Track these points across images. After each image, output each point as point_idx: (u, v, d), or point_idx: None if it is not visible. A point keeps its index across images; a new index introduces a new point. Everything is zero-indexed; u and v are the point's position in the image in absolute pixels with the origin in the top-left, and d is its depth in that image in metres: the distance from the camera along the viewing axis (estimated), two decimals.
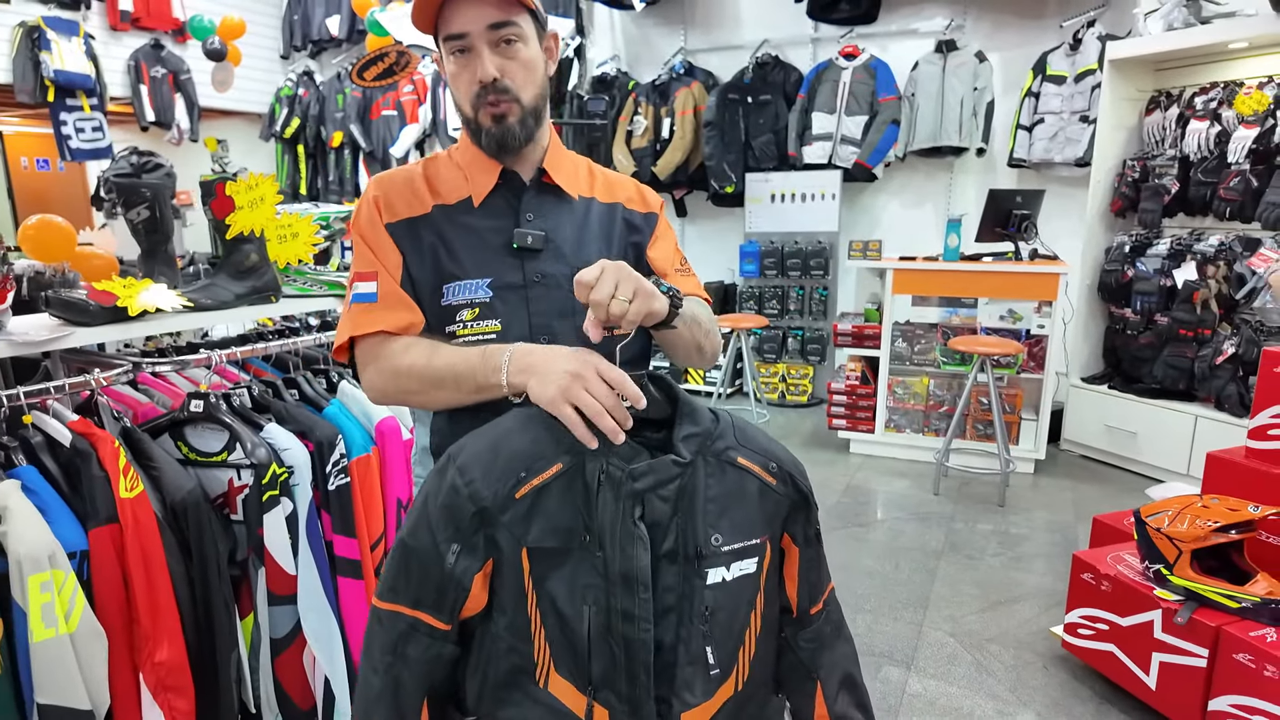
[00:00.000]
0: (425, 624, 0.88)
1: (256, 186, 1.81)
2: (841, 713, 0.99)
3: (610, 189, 1.17)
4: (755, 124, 4.94)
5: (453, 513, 0.86)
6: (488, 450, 0.88)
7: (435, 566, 0.87)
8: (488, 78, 0.98)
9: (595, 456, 0.86)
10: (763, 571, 0.92)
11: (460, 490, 0.86)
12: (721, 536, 0.88)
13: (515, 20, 0.99)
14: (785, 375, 5.14)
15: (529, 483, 0.86)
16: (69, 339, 1.49)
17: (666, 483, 0.86)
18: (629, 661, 0.86)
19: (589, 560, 0.86)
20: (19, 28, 5.01)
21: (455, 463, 0.88)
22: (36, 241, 2.68)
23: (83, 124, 5.46)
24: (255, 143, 6.80)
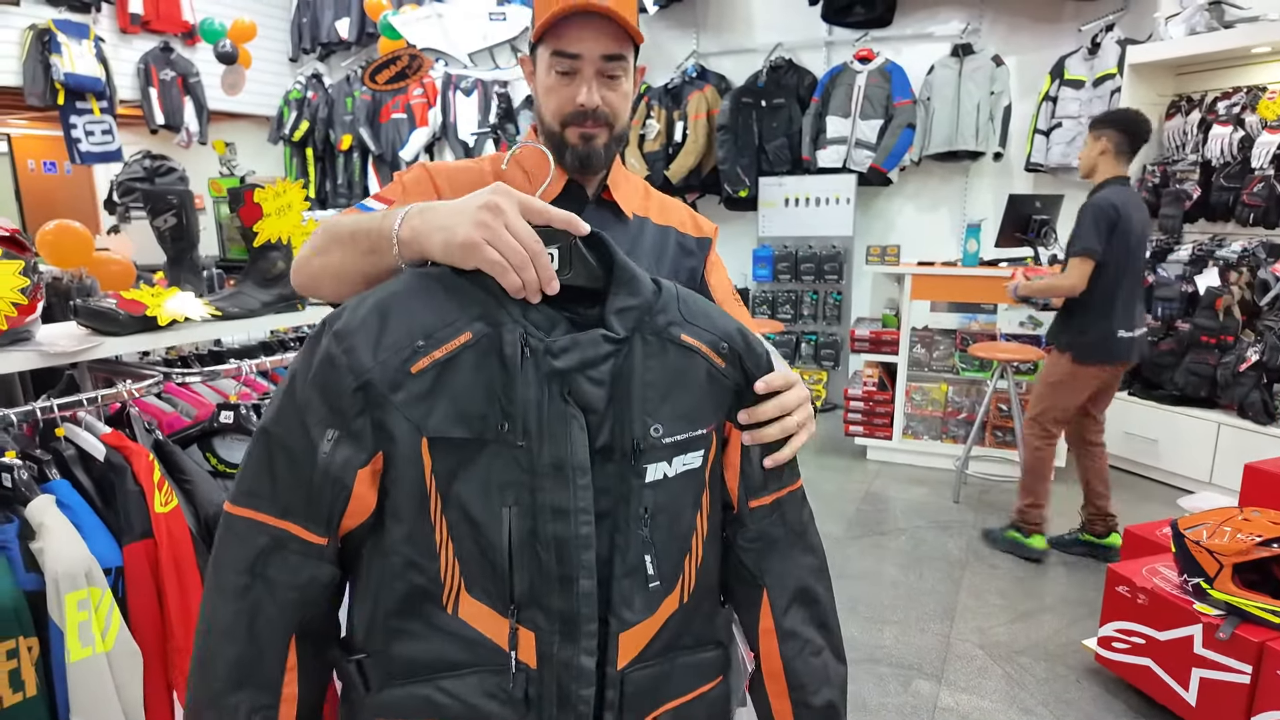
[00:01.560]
0: (295, 537, 0.72)
1: (284, 193, 1.78)
2: (791, 628, 0.85)
3: (664, 212, 1.16)
4: (769, 128, 4.92)
5: (327, 390, 0.70)
6: (373, 313, 0.72)
7: (306, 460, 0.71)
8: (592, 105, 0.97)
9: (513, 325, 0.72)
10: (708, 465, 0.81)
11: (337, 360, 0.70)
12: (662, 427, 0.76)
13: (625, 55, 0.98)
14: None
15: (429, 354, 0.71)
16: (99, 349, 1.47)
17: (597, 362, 0.73)
18: (562, 568, 0.73)
19: (507, 453, 0.72)
20: (29, 31, 4.99)
21: (331, 329, 0.71)
22: (55, 247, 2.65)
23: (92, 127, 5.44)
24: (264, 145, 6.79)
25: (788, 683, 0.86)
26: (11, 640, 1.09)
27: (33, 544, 1.16)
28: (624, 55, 0.97)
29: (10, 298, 1.33)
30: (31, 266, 1.39)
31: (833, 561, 0.92)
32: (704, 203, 5.46)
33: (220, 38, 5.64)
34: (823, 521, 3.38)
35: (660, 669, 0.81)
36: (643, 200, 1.15)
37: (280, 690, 0.75)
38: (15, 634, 1.09)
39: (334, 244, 0.86)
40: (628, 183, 1.14)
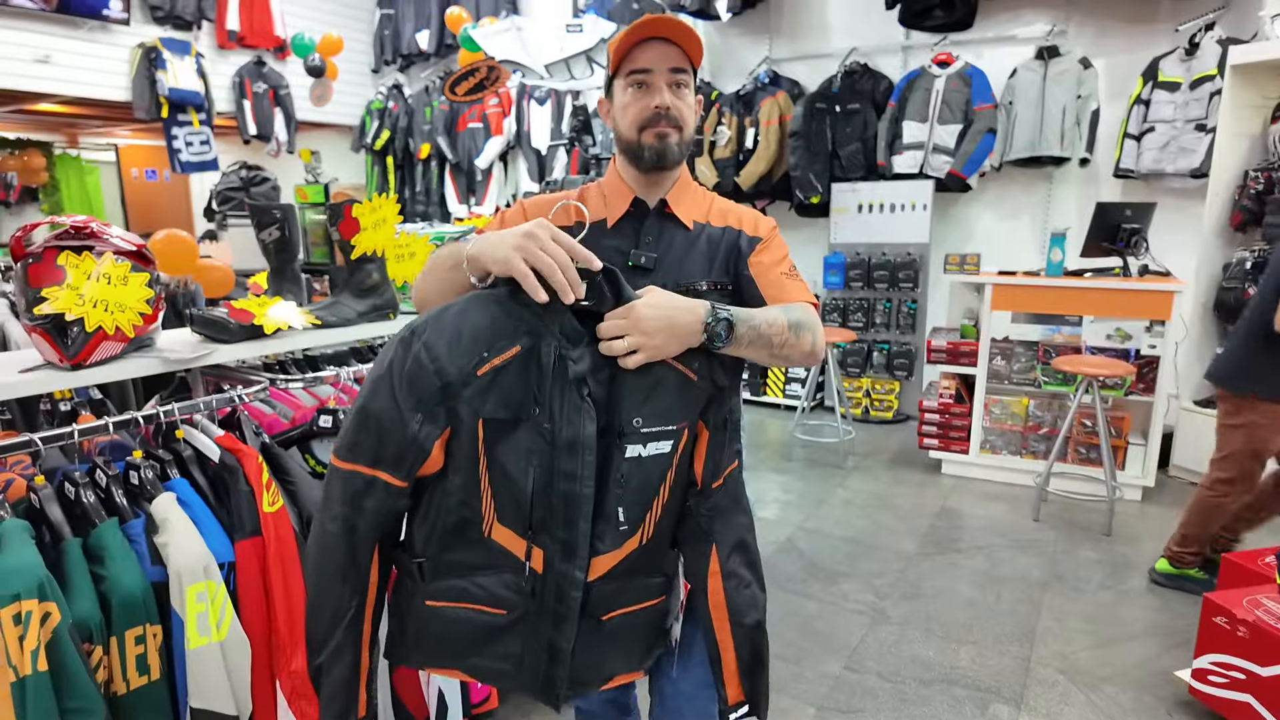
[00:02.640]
0: (383, 481, 0.99)
1: (379, 208, 1.86)
2: (732, 569, 1.15)
3: (724, 216, 1.26)
4: (843, 133, 4.86)
5: (417, 385, 0.96)
6: (452, 329, 0.97)
7: (397, 430, 0.97)
8: (664, 105, 1.13)
9: (549, 340, 0.98)
10: (677, 452, 1.07)
11: (426, 366, 0.96)
12: (642, 420, 1.02)
13: (688, 70, 1.16)
14: (870, 390, 5.03)
15: (490, 362, 0.97)
16: (213, 356, 1.57)
17: (601, 368, 1.01)
18: (568, 511, 1.01)
19: (536, 429, 0.99)
20: (138, 49, 5.34)
21: (421, 339, 0.97)
22: (163, 255, 2.83)
23: (192, 138, 5.78)
24: (347, 154, 7.06)
25: (728, 609, 1.15)
26: (140, 627, 1.18)
27: (157, 538, 1.26)
28: (686, 69, 1.15)
29: (138, 308, 1.44)
30: (155, 278, 1.50)
31: (906, 579, 0.96)
32: (774, 209, 5.43)
33: (310, 51, 5.90)
34: (896, 537, 3.34)
35: (619, 585, 1.10)
36: (704, 210, 1.25)
37: (369, 580, 1.06)
38: (143, 621, 1.18)
39: (434, 267, 1.13)
40: (689, 197, 1.25)
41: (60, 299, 1.35)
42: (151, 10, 5.40)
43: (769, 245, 1.24)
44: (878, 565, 3.07)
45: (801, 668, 2.39)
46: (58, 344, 1.35)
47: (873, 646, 2.51)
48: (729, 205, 1.29)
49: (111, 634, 1.16)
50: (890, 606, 2.75)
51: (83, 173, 8.05)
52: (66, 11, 4.83)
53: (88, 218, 1.44)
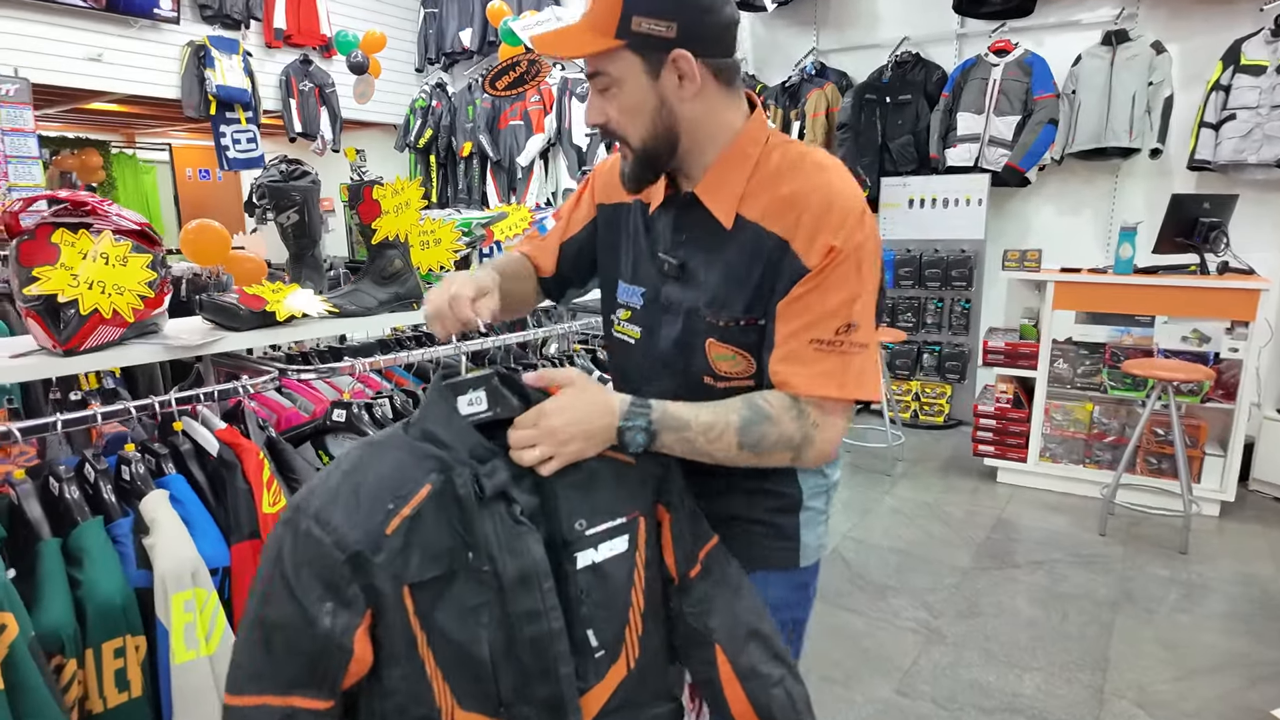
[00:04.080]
0: (303, 709, 0.78)
1: (402, 191, 1.76)
2: (750, 667, 0.95)
3: (789, 207, 0.93)
4: (893, 125, 4.65)
5: (318, 568, 0.77)
6: (345, 490, 0.80)
7: (305, 636, 0.77)
8: (590, 123, 0.99)
9: (459, 468, 0.83)
10: (639, 548, 0.91)
11: (323, 541, 0.77)
12: (585, 520, 0.87)
13: (601, 70, 0.94)
14: (919, 393, 4.79)
15: (399, 513, 0.79)
16: (220, 343, 1.48)
17: (521, 477, 0.85)
18: (540, 662, 0.82)
19: (475, 578, 0.81)
20: (188, 47, 5.40)
21: (307, 512, 0.79)
22: (195, 245, 2.79)
23: (239, 135, 5.83)
24: (390, 152, 7.07)
25: (759, 718, 0.95)
26: (119, 639, 1.08)
27: (145, 540, 1.16)
28: (600, 71, 0.94)
29: (139, 290, 1.35)
30: (159, 260, 1.41)
31: (961, 594, 0.80)
32: None
33: (353, 48, 5.91)
34: (948, 549, 3.13)
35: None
36: (765, 195, 0.96)
37: None
38: (123, 632, 1.09)
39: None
40: (736, 176, 0.97)
41: (53, 279, 1.26)
42: (201, 9, 5.46)
43: (820, 283, 0.90)
44: (930, 579, 2.88)
45: (849, 690, 2.22)
46: (49, 327, 1.27)
47: (926, 669, 2.32)
48: (805, 186, 0.93)
49: (87, 645, 1.06)
50: (945, 625, 2.56)
51: (139, 171, 8.25)
52: (117, 10, 4.90)
53: (88, 194, 1.37)
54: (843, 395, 0.91)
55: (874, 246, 0.93)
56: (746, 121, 0.99)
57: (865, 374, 0.92)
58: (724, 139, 0.97)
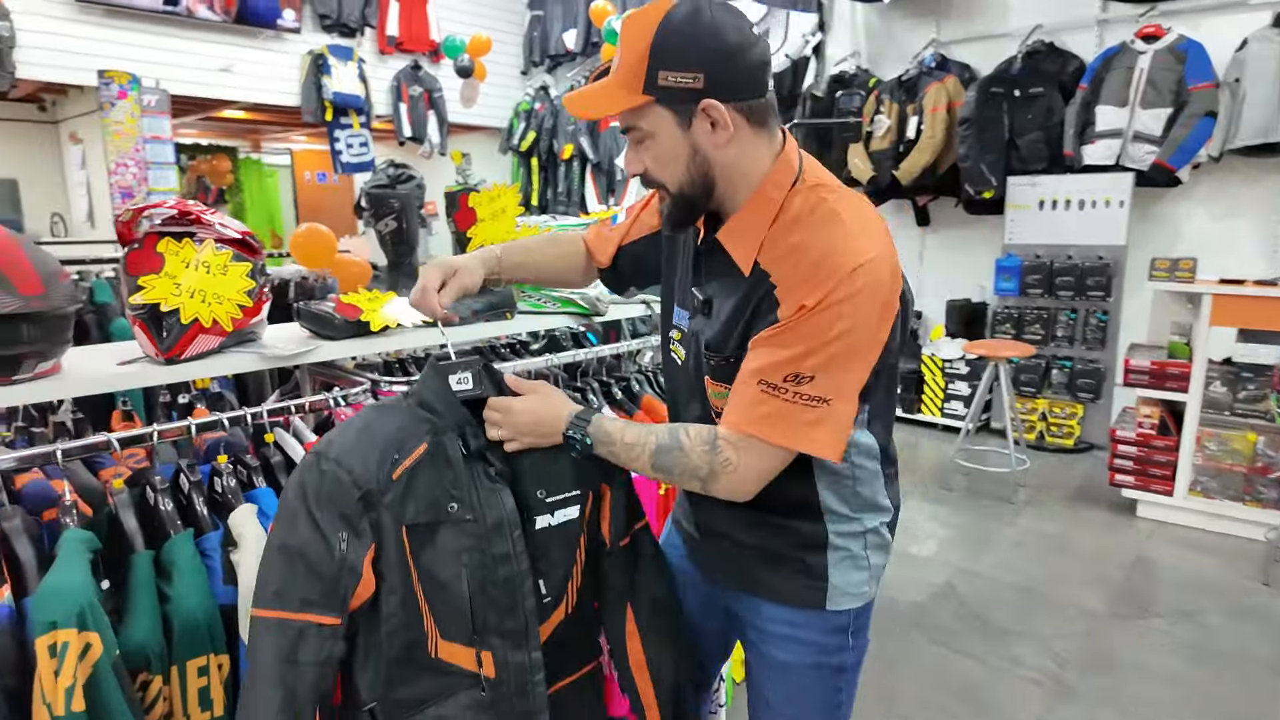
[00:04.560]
0: (315, 624, 0.93)
1: (499, 197, 1.70)
2: (648, 626, 1.17)
3: (790, 254, 0.93)
4: (1022, 120, 4.29)
5: (338, 500, 0.94)
6: (361, 440, 0.98)
7: (324, 559, 0.93)
8: (630, 173, 1.01)
9: (450, 433, 1.02)
10: (585, 515, 1.12)
11: (343, 479, 0.95)
12: (545, 490, 1.07)
13: (635, 125, 0.96)
14: (1046, 413, 4.41)
15: (402, 464, 0.98)
16: (315, 353, 1.45)
17: (497, 446, 1.05)
18: (510, 597, 1.02)
19: (459, 526, 1.00)
20: (308, 56, 5.64)
21: (329, 456, 0.96)
22: (303, 249, 2.85)
23: (352, 140, 6.05)
24: (495, 156, 7.19)
25: (649, 669, 1.18)
26: (203, 657, 1.05)
27: (233, 554, 1.13)
28: (634, 126, 0.96)
29: (238, 299, 1.33)
30: (259, 268, 1.40)
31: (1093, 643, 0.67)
32: (939, 206, 4.93)
33: (460, 52, 6.02)
34: (1078, 589, 2.83)
35: (552, 656, 1.08)
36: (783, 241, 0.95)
37: None
38: (206, 651, 1.06)
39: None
40: (759, 221, 0.97)
41: (156, 288, 1.26)
42: (320, 19, 5.70)
43: (783, 332, 0.91)
44: (1056, 624, 2.60)
45: None
46: (153, 335, 1.27)
47: None
48: (807, 238, 0.92)
49: (173, 662, 1.03)
50: (1073, 677, 2.30)
51: (262, 175, 8.75)
52: (244, 22, 5.17)
53: (190, 202, 1.36)
54: (770, 439, 0.93)
55: (866, 304, 0.89)
56: (773, 162, 0.98)
57: (813, 428, 0.92)
58: (755, 180, 0.98)
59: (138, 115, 4.85)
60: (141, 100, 4.86)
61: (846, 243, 0.90)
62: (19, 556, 0.99)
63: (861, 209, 0.96)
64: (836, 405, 0.91)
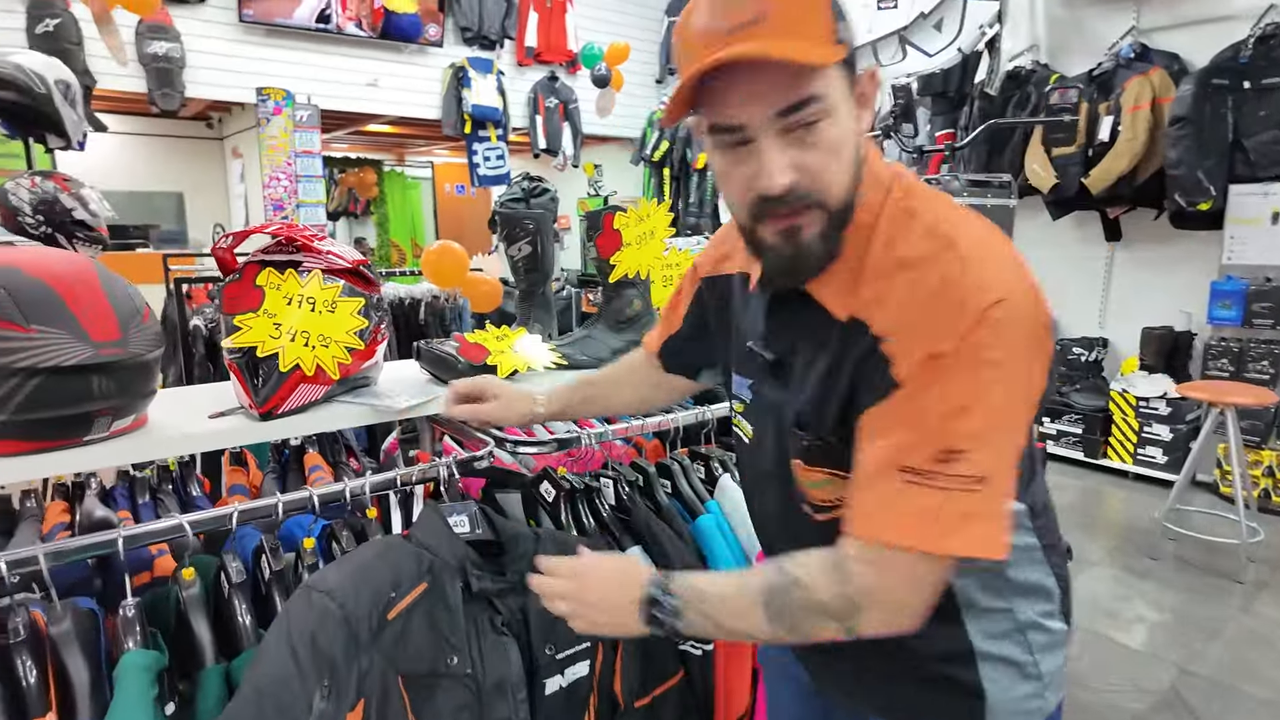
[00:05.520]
0: None
1: (647, 218, 1.43)
2: None
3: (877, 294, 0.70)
4: (1251, 118, 3.59)
5: (324, 639, 0.81)
6: (355, 574, 0.87)
7: (298, 707, 0.78)
8: (775, 190, 0.66)
9: (450, 573, 0.91)
10: (595, 672, 0.99)
11: (333, 613, 0.82)
12: (554, 645, 0.95)
13: (815, 95, 0.65)
14: (1275, 468, 3.67)
15: (399, 604, 0.87)
16: (430, 405, 1.22)
17: (503, 594, 0.94)
18: None
19: (457, 681, 0.88)
20: (449, 69, 5.68)
21: (320, 589, 0.84)
22: (435, 267, 2.71)
23: (489, 153, 6.05)
24: (626, 167, 7.05)
25: None
26: None
27: None
28: (811, 98, 0.64)
29: (346, 341, 1.12)
30: (372, 304, 1.19)
31: None
32: (1134, 219, 4.25)
33: (598, 61, 5.90)
34: None
35: None
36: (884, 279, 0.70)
37: None
38: None
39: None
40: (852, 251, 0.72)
41: (253, 329, 1.07)
42: (461, 31, 5.72)
43: (918, 394, 0.65)
44: None
45: None
46: (248, 385, 1.08)
47: None
48: (910, 260, 0.68)
49: None
50: None
51: (405, 188, 9.06)
52: (389, 37, 5.24)
53: (300, 226, 1.17)
54: (929, 548, 0.65)
55: (1015, 344, 0.65)
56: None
57: (976, 521, 0.65)
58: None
59: (290, 130, 5.02)
60: (294, 115, 5.02)
61: (977, 271, 0.66)
62: (69, 675, 0.80)
63: (978, 224, 0.71)
64: (997, 483, 0.65)
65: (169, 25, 4.40)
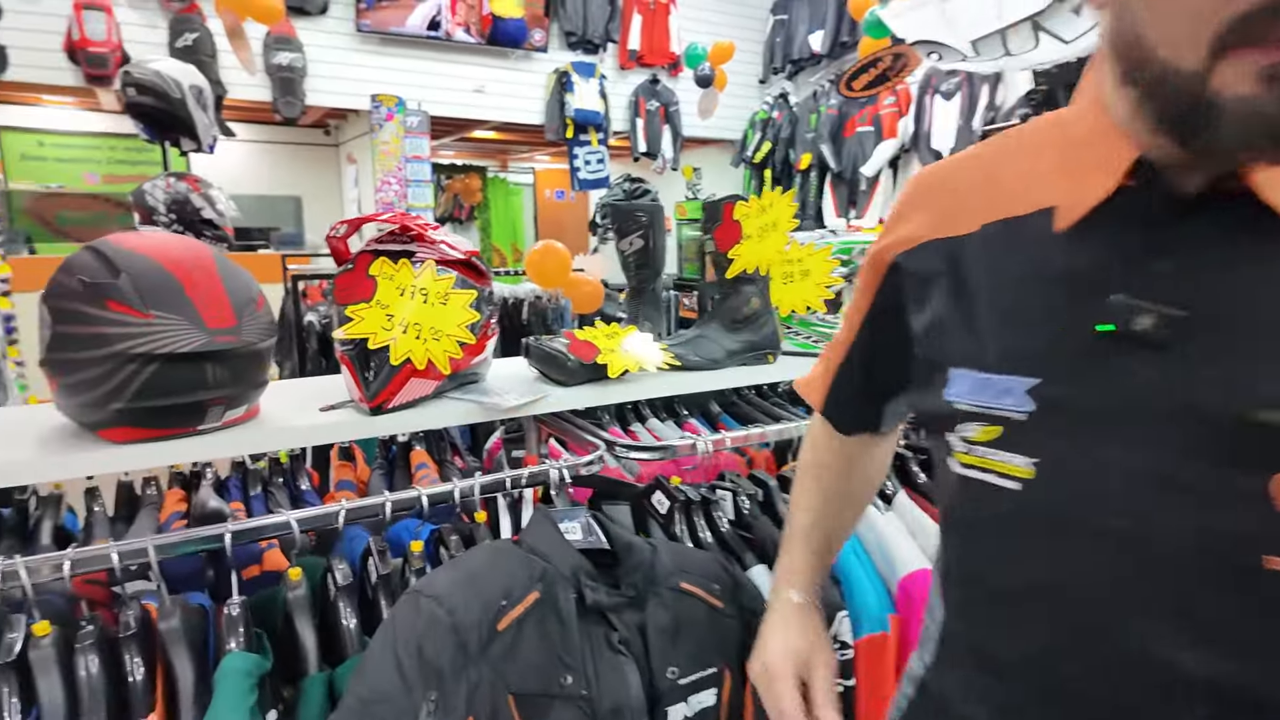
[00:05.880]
0: None
1: (770, 207, 1.32)
2: None
3: None
4: None
5: (431, 647, 0.75)
6: (464, 580, 0.82)
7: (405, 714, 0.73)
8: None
9: (563, 584, 0.84)
10: (723, 704, 0.89)
11: (441, 620, 0.77)
12: (677, 669, 0.86)
13: None
14: None
15: (509, 613, 0.80)
16: (539, 404, 1.16)
17: (619, 609, 0.85)
18: None
19: (572, 705, 0.80)
20: (553, 74, 5.73)
21: (428, 594, 0.79)
22: (539, 267, 2.68)
23: (590, 157, 6.07)
24: (725, 170, 6.94)
25: None
26: None
27: None
28: None
29: (458, 335, 1.08)
30: (485, 297, 1.14)
31: None
32: None
33: (702, 61, 5.83)
34: None
35: None
36: None
37: None
38: None
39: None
40: None
41: (365, 320, 1.03)
42: (566, 36, 5.77)
43: None
44: None
45: None
46: (359, 378, 1.04)
47: None
48: None
49: None
50: None
51: (508, 193, 9.25)
52: (496, 43, 5.33)
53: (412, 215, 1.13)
54: None
55: None
56: None
57: None
58: None
59: (401, 136, 5.17)
60: (405, 121, 5.17)
61: None
62: (175, 674, 0.77)
63: None
64: None
65: (293, 36, 4.62)
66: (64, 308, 0.83)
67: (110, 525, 1.19)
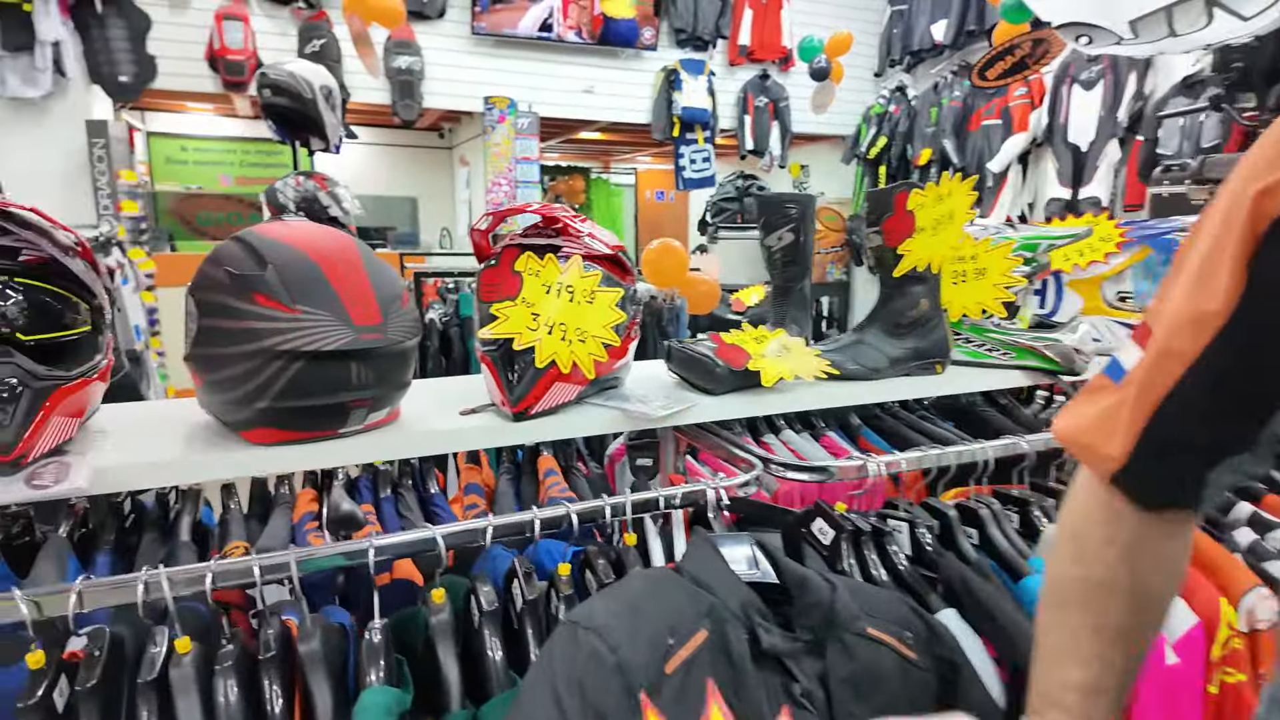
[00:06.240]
0: None
1: (948, 196, 1.16)
2: None
3: None
4: None
5: (594, 689, 0.65)
6: (626, 612, 0.71)
7: None
8: None
9: (734, 623, 0.73)
10: None
11: (606, 659, 0.66)
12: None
13: None
14: None
15: (677, 653, 0.69)
16: (684, 415, 1.05)
17: (800, 656, 0.74)
18: None
19: None
20: (661, 72, 5.65)
21: (587, 625, 0.69)
22: (656, 266, 2.59)
23: (695, 155, 5.96)
24: (835, 166, 6.68)
25: None
26: None
27: None
28: None
29: (603, 336, 0.98)
30: (630, 296, 1.04)
31: None
32: None
33: (818, 53, 5.62)
34: None
35: None
36: None
37: None
38: None
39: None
40: None
41: (510, 319, 0.95)
42: (676, 33, 5.68)
43: None
44: None
45: None
46: (502, 381, 0.96)
47: None
48: None
49: None
50: None
51: (610, 194, 9.26)
52: (607, 43, 5.30)
53: (555, 205, 1.04)
54: None
55: None
56: None
57: None
58: None
59: (512, 137, 5.22)
60: (516, 123, 5.21)
61: None
62: (313, 699, 0.71)
63: None
64: None
65: (412, 40, 4.73)
66: (211, 300, 0.79)
67: (245, 523, 1.16)
